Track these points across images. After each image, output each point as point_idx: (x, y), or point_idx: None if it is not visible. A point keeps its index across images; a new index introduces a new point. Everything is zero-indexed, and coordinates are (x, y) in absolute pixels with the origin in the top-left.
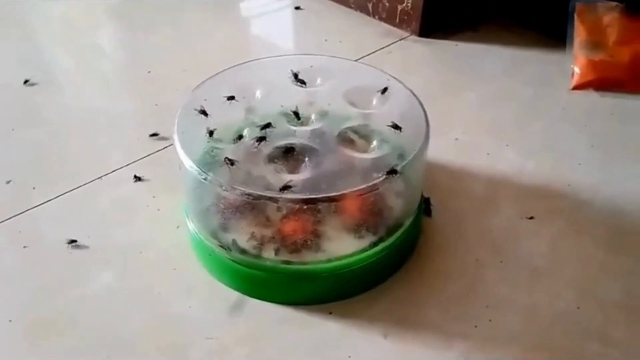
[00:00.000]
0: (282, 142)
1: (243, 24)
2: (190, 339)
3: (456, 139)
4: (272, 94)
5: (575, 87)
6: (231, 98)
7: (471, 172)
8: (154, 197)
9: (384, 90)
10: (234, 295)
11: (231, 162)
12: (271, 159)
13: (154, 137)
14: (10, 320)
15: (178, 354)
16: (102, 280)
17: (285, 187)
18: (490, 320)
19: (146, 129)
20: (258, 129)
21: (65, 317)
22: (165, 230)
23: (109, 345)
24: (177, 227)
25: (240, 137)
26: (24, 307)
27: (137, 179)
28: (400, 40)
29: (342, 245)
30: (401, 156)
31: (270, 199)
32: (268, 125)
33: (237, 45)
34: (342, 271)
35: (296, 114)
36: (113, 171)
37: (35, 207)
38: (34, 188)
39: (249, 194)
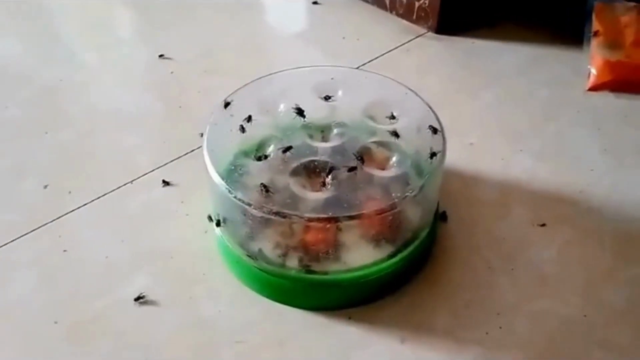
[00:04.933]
0: (305, 159)
1: (261, 19)
2: (220, 342)
3: (471, 144)
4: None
5: (591, 88)
6: (249, 119)
7: (485, 178)
8: (182, 202)
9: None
10: (262, 299)
11: (266, 189)
12: (294, 174)
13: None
14: (55, 322)
15: (209, 356)
16: (137, 284)
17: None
18: (500, 327)
19: (171, 131)
20: (280, 152)
21: (104, 320)
22: (194, 235)
23: (144, 348)
24: (205, 232)
25: (263, 156)
26: (67, 309)
27: (166, 183)
28: (418, 37)
29: (361, 256)
30: (420, 172)
31: (296, 217)
32: (289, 148)
33: (254, 42)
34: (361, 280)
35: (300, 110)
36: (142, 175)
37: (71, 211)
38: (69, 192)
39: (276, 213)
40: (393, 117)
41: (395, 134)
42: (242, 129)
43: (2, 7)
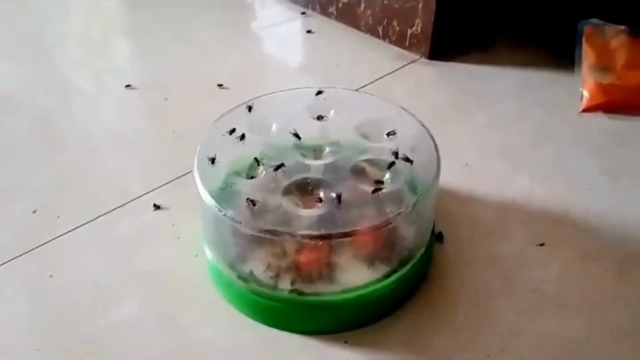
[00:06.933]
0: (298, 177)
1: (255, 47)
2: None
3: (466, 164)
4: (288, 127)
5: (585, 110)
6: (242, 137)
7: (481, 198)
8: (173, 225)
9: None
10: (254, 324)
11: (253, 203)
12: (286, 192)
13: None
14: (38, 350)
15: None
16: (126, 308)
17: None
18: (502, 350)
19: (164, 155)
20: (272, 169)
21: (92, 345)
22: (185, 258)
23: None
24: (196, 255)
25: (255, 173)
26: (52, 335)
27: (157, 207)
28: (411, 63)
29: (356, 277)
30: (414, 189)
31: (288, 234)
32: (281, 165)
33: (249, 70)
34: (356, 302)
35: (297, 135)
36: (133, 199)
37: (60, 236)
38: (58, 217)
39: (267, 231)
40: (393, 133)
41: (409, 160)
42: (231, 132)
43: (0, 33)
